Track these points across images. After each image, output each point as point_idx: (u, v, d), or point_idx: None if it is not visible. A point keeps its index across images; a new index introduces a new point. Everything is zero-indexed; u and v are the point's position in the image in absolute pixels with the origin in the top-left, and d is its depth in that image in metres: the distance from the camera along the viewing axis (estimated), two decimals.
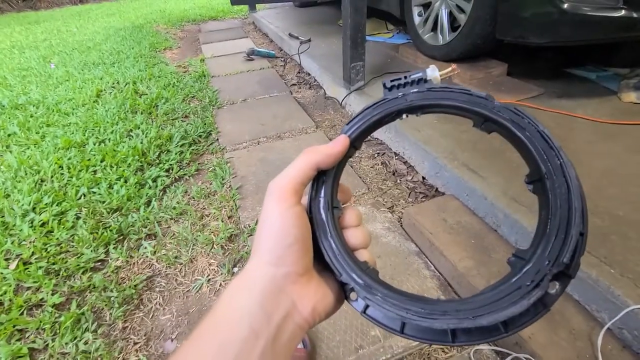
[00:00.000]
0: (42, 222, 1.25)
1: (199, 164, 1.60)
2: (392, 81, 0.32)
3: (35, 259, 1.12)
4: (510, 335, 0.23)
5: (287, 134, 1.76)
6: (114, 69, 2.78)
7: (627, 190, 1.00)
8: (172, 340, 0.92)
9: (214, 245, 1.16)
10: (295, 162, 0.28)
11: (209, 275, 1.08)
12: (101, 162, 1.57)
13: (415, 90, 0.31)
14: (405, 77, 0.32)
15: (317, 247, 0.28)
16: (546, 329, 0.76)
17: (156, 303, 1.02)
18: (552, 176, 0.25)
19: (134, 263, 1.13)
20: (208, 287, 1.05)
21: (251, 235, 1.18)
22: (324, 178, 0.31)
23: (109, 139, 1.74)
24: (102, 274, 1.08)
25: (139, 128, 1.83)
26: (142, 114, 1.99)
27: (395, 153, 1.51)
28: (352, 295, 0.27)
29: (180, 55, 3.23)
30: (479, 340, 0.23)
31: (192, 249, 1.16)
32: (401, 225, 1.15)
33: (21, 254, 1.13)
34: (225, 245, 1.17)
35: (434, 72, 0.31)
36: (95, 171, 1.52)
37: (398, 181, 1.37)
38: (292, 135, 1.75)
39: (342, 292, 0.28)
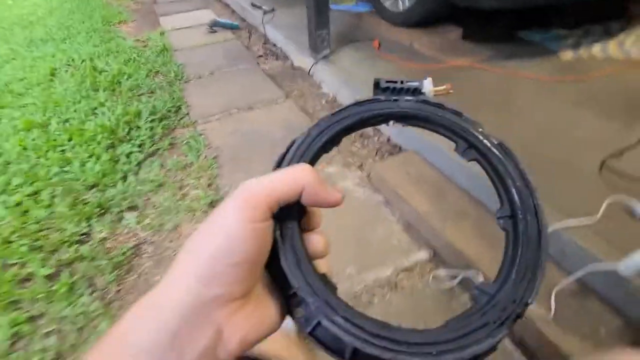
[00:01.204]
0: (16, 202, 1.24)
1: (171, 138, 1.61)
2: (387, 82, 0.32)
3: (16, 237, 1.13)
4: None
5: (257, 104, 1.80)
6: (65, 45, 2.60)
7: (564, 138, 1.17)
8: None
9: (196, 212, 1.22)
10: (285, 176, 0.23)
11: None
12: (69, 141, 1.54)
13: (410, 98, 0.31)
14: (402, 82, 0.31)
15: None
16: (487, 249, 0.92)
17: (146, 267, 1.08)
18: (526, 216, 0.25)
19: (118, 234, 1.17)
20: None
21: None
22: None
23: (73, 118, 1.69)
24: (89, 246, 1.11)
25: (103, 105, 1.78)
26: (104, 91, 1.93)
27: None
28: (298, 312, 0.23)
29: (136, 29, 3.06)
30: None
31: (175, 216, 1.21)
32: (370, 181, 1.27)
33: (0, 234, 1.13)
34: (208, 211, 1.23)
35: (429, 85, 0.32)
36: (63, 150, 1.50)
37: (366, 142, 1.47)
38: (262, 106, 1.79)
39: (285, 308, 0.24)
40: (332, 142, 0.30)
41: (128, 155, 1.48)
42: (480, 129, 0.29)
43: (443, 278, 0.93)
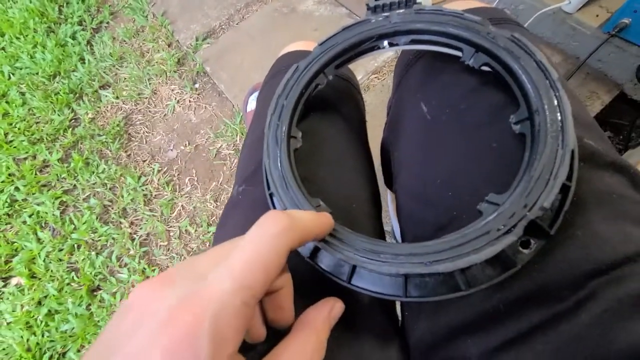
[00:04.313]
0: None
1: (109, 6, 1.44)
2: (376, 0, 0.29)
3: (12, 136, 1.18)
4: (472, 294, 0.19)
5: None
6: None
7: None
8: (172, 150, 1.12)
9: (168, 73, 1.22)
10: (258, 245, 0.16)
11: (176, 98, 1.19)
12: (2, 36, 1.40)
13: (402, 11, 0.28)
14: None
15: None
16: None
17: (143, 132, 1.16)
18: (545, 112, 0.21)
19: (104, 111, 1.21)
20: (180, 106, 1.18)
21: (197, 51, 1.23)
22: (284, 103, 0.28)
23: None
24: (82, 128, 1.17)
25: None
26: None
27: None
28: None
29: None
30: (435, 295, 0.20)
31: (150, 82, 1.22)
32: None
33: None
34: (178, 70, 1.23)
35: None
36: (3, 48, 1.38)
37: None
38: None
39: None
40: (319, 76, 0.29)
41: (73, 37, 1.37)
42: (486, 26, 0.25)
43: None
